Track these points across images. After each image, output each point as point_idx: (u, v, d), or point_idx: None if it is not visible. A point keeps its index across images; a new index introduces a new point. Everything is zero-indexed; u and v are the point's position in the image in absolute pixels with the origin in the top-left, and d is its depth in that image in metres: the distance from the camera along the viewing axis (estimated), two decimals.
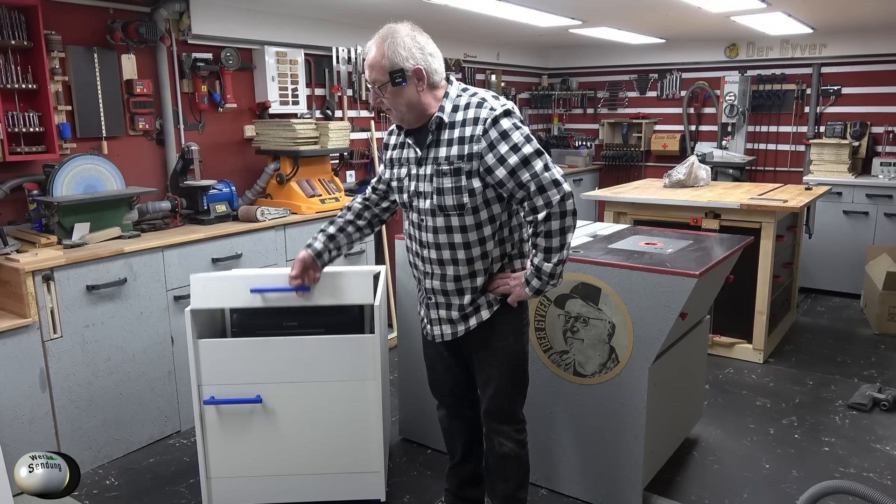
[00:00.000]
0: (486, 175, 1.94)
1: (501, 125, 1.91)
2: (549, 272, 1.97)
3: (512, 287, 2.05)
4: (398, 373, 3.14)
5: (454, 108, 1.98)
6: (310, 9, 4.12)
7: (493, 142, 1.90)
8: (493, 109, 1.92)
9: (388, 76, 1.93)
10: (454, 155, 1.95)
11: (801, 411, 3.45)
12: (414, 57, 1.94)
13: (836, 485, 1.56)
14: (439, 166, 1.97)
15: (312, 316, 2.49)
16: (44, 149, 3.07)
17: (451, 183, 1.95)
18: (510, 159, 1.90)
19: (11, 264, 2.68)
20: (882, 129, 5.56)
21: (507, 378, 2.16)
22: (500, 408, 2.19)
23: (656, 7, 4.27)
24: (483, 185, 1.96)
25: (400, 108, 1.99)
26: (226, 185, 3.68)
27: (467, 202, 1.96)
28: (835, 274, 5.43)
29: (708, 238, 2.99)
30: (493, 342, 2.13)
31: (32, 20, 2.95)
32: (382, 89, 1.96)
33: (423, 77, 1.95)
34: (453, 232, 2.01)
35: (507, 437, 2.21)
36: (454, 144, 1.95)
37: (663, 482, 2.79)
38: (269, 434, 2.50)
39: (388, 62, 1.93)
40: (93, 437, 2.94)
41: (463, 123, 1.95)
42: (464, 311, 2.10)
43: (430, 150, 2.00)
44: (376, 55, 1.94)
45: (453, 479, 2.46)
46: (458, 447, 2.41)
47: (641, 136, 6.58)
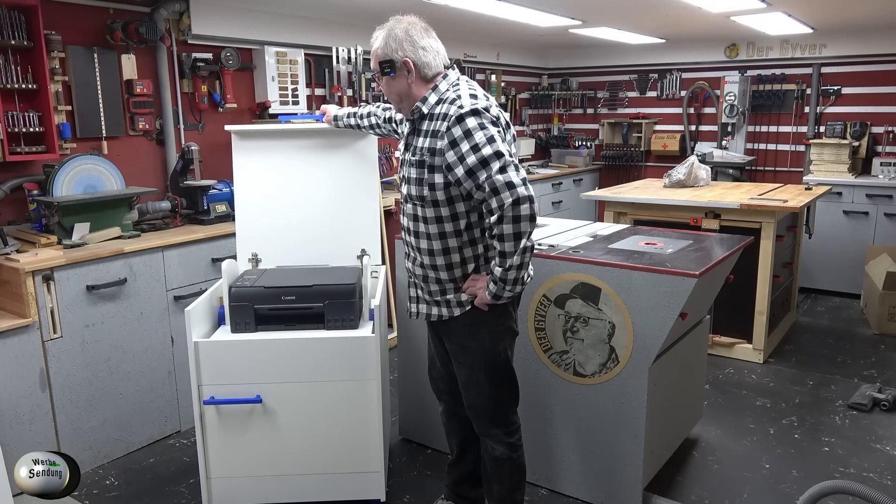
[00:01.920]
0: (447, 172, 1.96)
1: (466, 124, 1.90)
2: (500, 277, 1.94)
3: (477, 289, 2.06)
4: (398, 373, 3.15)
5: (438, 101, 2.02)
6: (310, 9, 4.12)
7: (456, 139, 1.92)
8: (460, 108, 1.92)
9: (379, 67, 2.05)
10: (425, 147, 2.01)
11: (801, 411, 3.45)
12: (403, 49, 2.01)
13: (836, 485, 1.56)
14: (413, 156, 2.05)
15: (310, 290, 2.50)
16: (44, 149, 3.07)
17: (416, 174, 2.03)
18: (468, 159, 1.90)
19: (11, 264, 2.68)
20: (882, 129, 5.56)
21: (486, 381, 2.16)
22: (484, 410, 2.20)
23: (656, 7, 4.27)
24: (444, 182, 1.99)
25: (392, 96, 2.10)
26: (226, 185, 3.68)
27: (427, 195, 2.01)
28: (835, 274, 5.43)
29: (708, 238, 2.99)
30: (468, 343, 2.14)
31: (32, 20, 2.95)
32: (378, 78, 2.09)
33: (411, 69, 2.02)
34: (418, 221, 2.09)
35: (498, 440, 2.22)
36: (427, 136, 2.01)
37: (663, 482, 2.79)
38: (269, 434, 2.50)
39: (380, 52, 2.04)
40: (93, 437, 2.94)
41: (435, 117, 1.99)
42: (433, 297, 2.17)
43: (411, 138, 2.10)
44: (375, 43, 2.07)
45: (451, 476, 2.54)
46: (455, 445, 2.48)
47: (641, 136, 6.58)
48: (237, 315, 2.49)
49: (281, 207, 2.97)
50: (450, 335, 2.19)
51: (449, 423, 2.47)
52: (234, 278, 2.62)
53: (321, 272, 2.69)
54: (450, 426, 2.48)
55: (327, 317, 2.51)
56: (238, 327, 2.50)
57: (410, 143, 2.09)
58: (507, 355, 2.18)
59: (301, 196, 2.98)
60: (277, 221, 2.97)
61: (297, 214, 2.97)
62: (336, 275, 2.63)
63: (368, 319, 2.60)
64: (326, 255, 2.90)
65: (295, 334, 2.49)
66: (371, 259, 2.91)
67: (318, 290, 2.50)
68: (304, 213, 2.97)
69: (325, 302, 2.49)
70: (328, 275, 2.63)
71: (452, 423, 2.46)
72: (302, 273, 2.68)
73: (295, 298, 2.50)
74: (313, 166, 3.01)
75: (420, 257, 2.13)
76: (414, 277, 2.22)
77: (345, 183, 3.00)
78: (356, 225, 2.98)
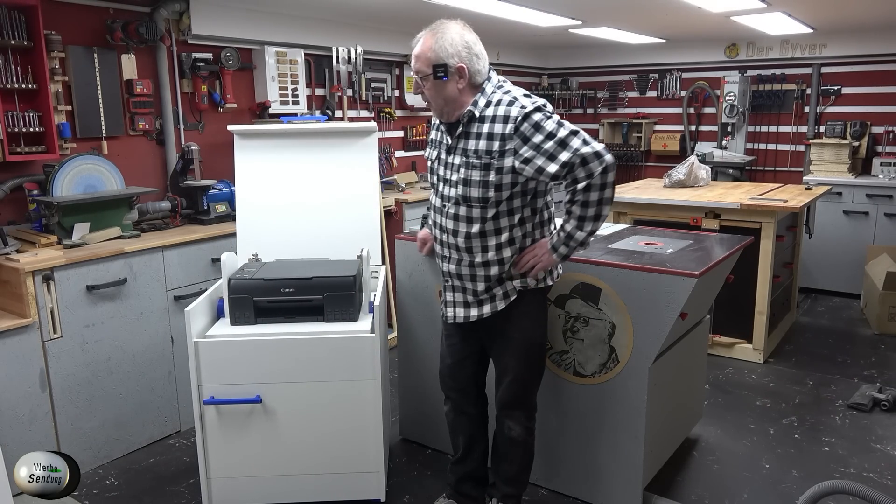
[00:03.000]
0: (522, 167, 2.00)
1: (533, 118, 1.98)
2: (580, 240, 2.06)
3: (540, 257, 2.12)
4: (398, 373, 3.14)
5: (487, 104, 2.04)
6: (310, 9, 4.12)
7: (527, 136, 1.98)
8: (523, 107, 2.00)
9: (431, 69, 2.02)
10: (482, 149, 2.03)
11: (801, 411, 3.45)
12: (459, 55, 2.02)
13: (836, 485, 1.56)
14: (468, 158, 2.06)
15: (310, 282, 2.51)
16: (44, 149, 3.07)
17: (479, 176, 2.04)
18: (546, 146, 1.97)
19: (11, 264, 2.68)
20: (882, 129, 5.56)
21: (524, 368, 2.26)
22: (514, 395, 2.30)
23: (656, 7, 4.27)
24: (511, 182, 2.03)
25: (438, 101, 2.08)
26: (226, 185, 3.68)
27: (492, 196, 2.05)
28: (835, 274, 5.43)
29: (708, 238, 2.99)
30: (511, 333, 2.21)
31: (32, 20, 2.95)
32: (424, 80, 2.06)
33: (464, 75, 2.04)
34: (473, 222, 2.08)
35: (517, 421, 2.31)
36: (482, 139, 2.03)
37: (663, 482, 2.79)
38: (269, 434, 2.50)
39: (433, 55, 2.02)
40: (93, 437, 2.94)
41: (493, 119, 2.02)
42: (478, 297, 2.18)
43: (459, 141, 2.09)
44: (423, 47, 2.03)
45: (454, 474, 2.54)
46: (461, 443, 2.49)
47: (641, 136, 6.58)
48: (236, 307, 2.49)
49: (282, 207, 2.98)
50: (493, 330, 2.23)
51: (456, 421, 2.47)
52: (234, 271, 2.62)
53: (321, 265, 2.69)
54: (457, 424, 2.48)
55: (327, 309, 2.51)
56: (237, 319, 2.50)
57: (455, 146, 2.10)
58: (543, 341, 2.30)
59: (302, 196, 2.99)
60: (278, 221, 2.97)
61: (298, 214, 2.98)
62: (335, 267, 2.62)
63: (368, 312, 2.60)
64: (326, 254, 2.89)
65: (295, 328, 2.49)
66: (371, 259, 2.90)
67: (318, 283, 2.50)
68: (305, 212, 2.98)
69: (324, 294, 2.50)
70: (328, 267, 2.63)
71: (460, 422, 2.46)
72: (301, 266, 2.68)
73: (294, 291, 2.50)
74: (314, 166, 3.01)
75: (469, 257, 2.14)
76: (454, 280, 2.21)
77: (345, 183, 3.01)
78: (356, 225, 2.98)
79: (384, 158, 5.05)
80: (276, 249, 2.90)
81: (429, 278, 2.85)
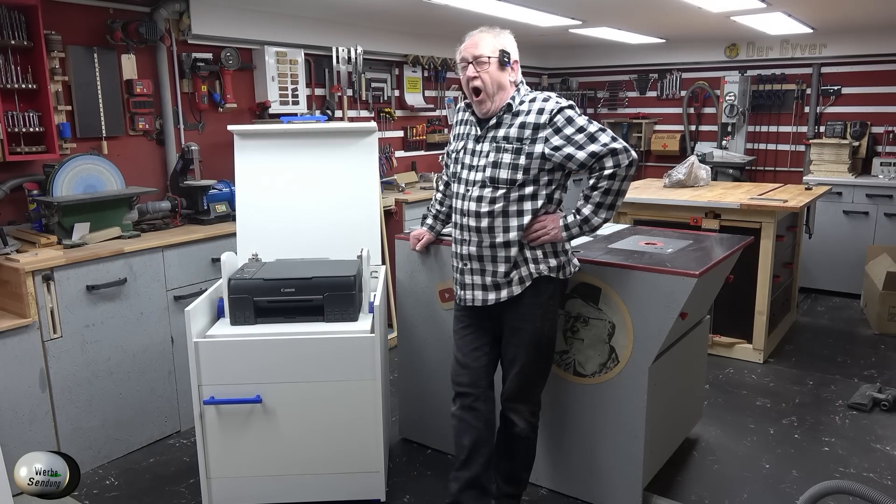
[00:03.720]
0: (552, 154, 2.18)
1: (566, 112, 2.19)
2: (594, 226, 2.24)
3: (549, 229, 2.24)
4: (398, 373, 3.15)
5: (521, 102, 2.26)
6: (310, 9, 4.12)
7: (560, 126, 2.17)
8: (558, 102, 2.21)
9: (498, 53, 2.22)
10: (513, 136, 2.21)
11: (801, 411, 3.45)
12: (517, 52, 2.30)
13: (836, 485, 1.56)
14: (498, 143, 2.23)
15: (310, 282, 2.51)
16: (44, 149, 3.07)
17: (510, 159, 2.21)
18: (577, 137, 2.16)
19: (11, 264, 2.68)
20: (882, 129, 5.56)
21: (531, 361, 2.33)
22: (519, 387, 2.35)
23: (656, 7, 4.27)
24: (539, 168, 2.20)
25: (488, 85, 2.22)
26: (226, 185, 3.68)
27: (520, 178, 2.21)
28: (835, 274, 5.43)
29: (708, 238, 2.99)
30: (521, 325, 2.30)
31: (32, 20, 2.95)
32: (484, 64, 2.21)
33: (516, 69, 2.29)
34: (496, 201, 2.23)
35: (521, 416, 2.37)
36: (515, 127, 2.22)
37: (663, 482, 2.79)
38: (269, 434, 2.50)
39: (500, 43, 2.24)
40: (93, 437, 2.94)
41: (528, 112, 2.22)
42: (496, 280, 2.28)
43: (489, 131, 2.26)
44: (488, 36, 2.24)
45: (457, 482, 2.38)
46: (466, 445, 2.36)
47: (641, 136, 6.58)
48: (236, 307, 2.49)
49: (282, 207, 2.98)
50: (505, 315, 2.32)
51: (464, 418, 2.37)
52: (234, 271, 2.62)
53: (320, 265, 2.70)
54: (465, 424, 2.37)
55: (327, 309, 2.51)
56: (237, 319, 2.51)
57: (484, 136, 2.27)
58: (552, 335, 2.37)
59: (302, 196, 2.99)
60: (278, 221, 2.98)
61: (298, 214, 2.98)
62: (336, 267, 2.63)
63: (368, 312, 2.60)
64: (326, 254, 2.90)
65: (295, 328, 2.49)
66: (371, 259, 2.90)
67: (318, 283, 2.50)
68: (305, 212, 2.98)
69: (324, 294, 2.50)
70: (328, 267, 2.64)
71: (469, 419, 2.36)
72: (301, 265, 2.69)
73: (294, 291, 2.50)
74: (314, 167, 3.01)
75: (490, 237, 2.26)
76: (473, 262, 2.31)
77: (345, 183, 3.01)
78: (356, 225, 2.98)
79: (384, 158, 5.05)
80: (276, 249, 2.90)
81: (429, 278, 2.85)
